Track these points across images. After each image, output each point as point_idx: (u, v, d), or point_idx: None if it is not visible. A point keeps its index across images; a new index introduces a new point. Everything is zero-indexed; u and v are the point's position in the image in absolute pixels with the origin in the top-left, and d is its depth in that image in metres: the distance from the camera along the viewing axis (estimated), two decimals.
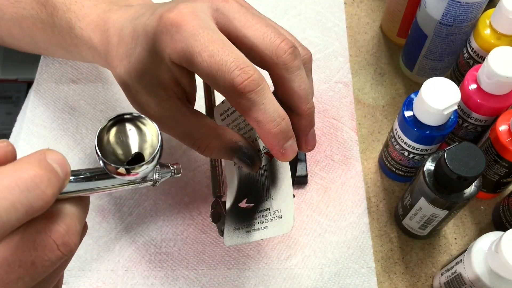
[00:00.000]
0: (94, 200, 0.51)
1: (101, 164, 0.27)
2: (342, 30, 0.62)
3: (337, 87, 0.58)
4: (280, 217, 0.35)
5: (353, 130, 0.55)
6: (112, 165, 0.27)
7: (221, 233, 0.42)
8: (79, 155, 0.53)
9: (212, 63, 0.32)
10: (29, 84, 1.25)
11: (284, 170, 0.37)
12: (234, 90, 0.32)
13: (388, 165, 0.51)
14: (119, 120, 0.28)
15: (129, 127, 0.28)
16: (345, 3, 0.64)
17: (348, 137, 0.55)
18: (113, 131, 0.28)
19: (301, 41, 0.60)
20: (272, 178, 0.37)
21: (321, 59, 0.60)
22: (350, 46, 0.61)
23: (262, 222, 0.37)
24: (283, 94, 0.36)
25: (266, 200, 0.37)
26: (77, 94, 0.56)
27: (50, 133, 0.54)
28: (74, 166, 0.52)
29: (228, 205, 0.42)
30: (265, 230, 0.36)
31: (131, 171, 0.27)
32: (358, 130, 0.56)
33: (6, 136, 0.53)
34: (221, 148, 0.36)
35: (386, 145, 0.50)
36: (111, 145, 0.28)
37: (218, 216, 0.43)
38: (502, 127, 0.44)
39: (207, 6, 0.35)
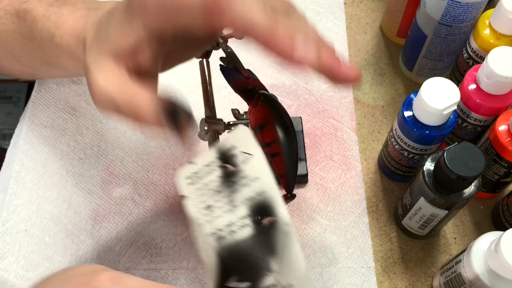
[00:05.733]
0: (94, 200, 0.51)
1: None
2: (342, 30, 0.62)
3: (337, 87, 0.58)
4: None
5: (353, 130, 0.55)
6: None
7: None
8: (79, 154, 0.53)
9: None
10: (29, 84, 1.25)
11: (286, 237, 0.31)
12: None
13: (388, 165, 0.51)
14: None
15: None
16: (345, 3, 0.64)
17: (348, 137, 0.55)
18: None
19: None
20: (269, 247, 0.32)
21: None
22: (350, 46, 0.61)
23: None
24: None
25: (267, 275, 0.32)
26: (78, 95, 0.56)
27: (51, 133, 0.54)
28: (74, 166, 0.52)
29: None
30: None
31: None
32: (358, 130, 0.56)
33: (7, 136, 0.53)
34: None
35: (385, 145, 0.50)
36: None
37: None
38: (502, 127, 0.44)
39: None
